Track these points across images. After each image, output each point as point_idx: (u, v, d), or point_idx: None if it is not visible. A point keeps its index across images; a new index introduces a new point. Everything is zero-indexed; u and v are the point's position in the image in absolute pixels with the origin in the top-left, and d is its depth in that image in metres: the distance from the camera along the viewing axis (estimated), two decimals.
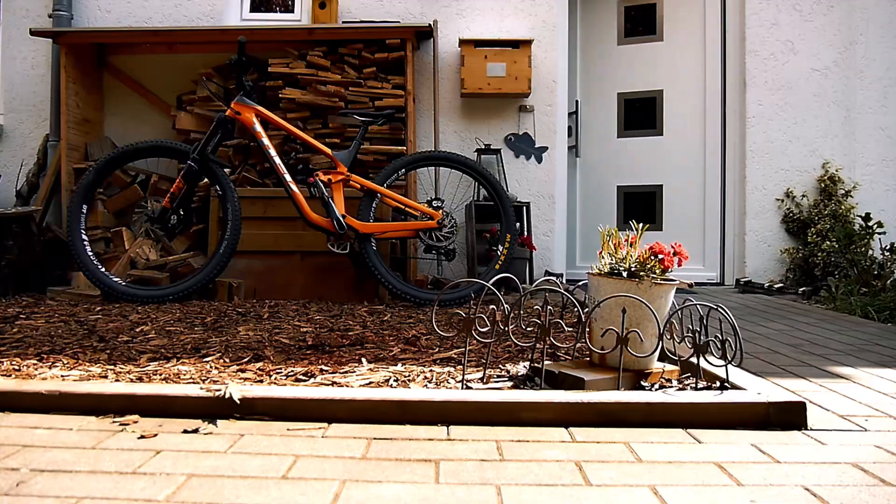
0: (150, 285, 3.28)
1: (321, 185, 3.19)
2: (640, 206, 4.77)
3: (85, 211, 3.18)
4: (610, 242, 1.76)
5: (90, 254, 3.14)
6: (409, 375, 1.74)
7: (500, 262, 3.30)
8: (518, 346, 1.79)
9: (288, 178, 3.19)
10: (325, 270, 3.50)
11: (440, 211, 3.27)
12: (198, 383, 1.62)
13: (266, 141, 3.21)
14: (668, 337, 1.67)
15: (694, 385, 1.61)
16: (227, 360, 1.90)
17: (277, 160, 3.20)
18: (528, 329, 1.75)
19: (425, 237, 3.27)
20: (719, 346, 1.57)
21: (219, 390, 1.47)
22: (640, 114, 4.81)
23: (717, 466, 1.21)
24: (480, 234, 3.90)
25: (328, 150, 3.27)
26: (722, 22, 4.54)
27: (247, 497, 1.05)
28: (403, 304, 3.21)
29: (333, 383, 1.66)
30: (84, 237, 3.15)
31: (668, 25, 4.73)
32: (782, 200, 4.36)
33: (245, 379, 1.70)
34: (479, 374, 1.73)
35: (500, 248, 3.33)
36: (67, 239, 3.17)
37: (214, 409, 1.45)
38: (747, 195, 4.36)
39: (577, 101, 4.84)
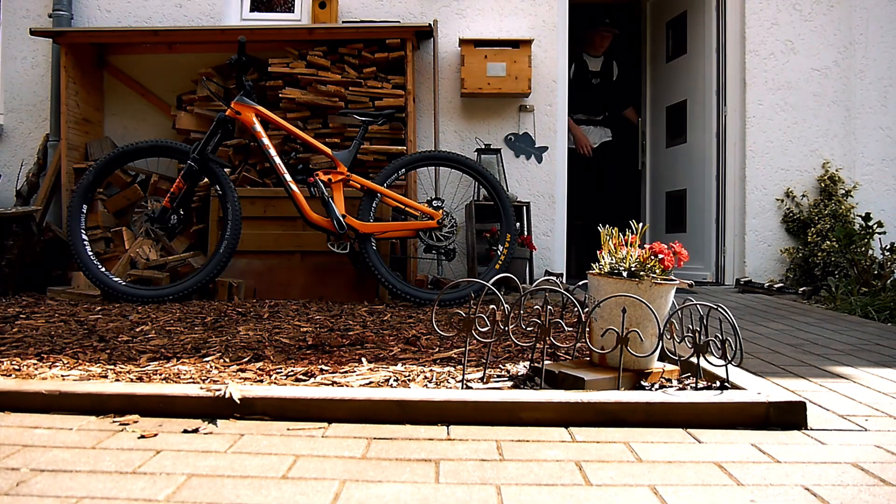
0: (150, 285, 3.28)
1: (321, 184, 3.19)
2: (676, 208, 5.03)
3: (85, 211, 3.18)
4: (610, 242, 1.76)
5: (90, 253, 3.14)
6: (409, 375, 1.74)
7: (500, 262, 3.30)
8: (518, 345, 1.79)
9: (288, 177, 3.19)
10: (325, 270, 3.50)
11: (440, 211, 3.27)
12: (198, 383, 1.62)
13: (266, 141, 3.21)
14: (668, 337, 1.67)
15: (694, 385, 1.61)
16: (227, 360, 1.91)
17: (277, 160, 3.20)
18: (528, 329, 1.75)
19: (425, 237, 3.27)
20: (719, 346, 1.57)
21: (219, 390, 1.47)
22: (676, 124, 5.05)
23: (717, 466, 1.21)
24: (480, 234, 3.90)
25: (328, 150, 3.27)
26: (721, 23, 4.55)
27: (247, 497, 1.05)
28: (403, 303, 3.21)
29: (333, 383, 1.66)
30: (84, 237, 3.15)
31: (690, 37, 4.87)
32: (782, 200, 4.36)
33: (245, 379, 1.70)
34: (479, 374, 1.73)
35: (500, 247, 3.33)
36: (67, 239, 3.17)
37: (214, 409, 1.45)
38: (747, 195, 4.36)
39: (641, 120, 5.32)
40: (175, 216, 3.18)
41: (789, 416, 1.44)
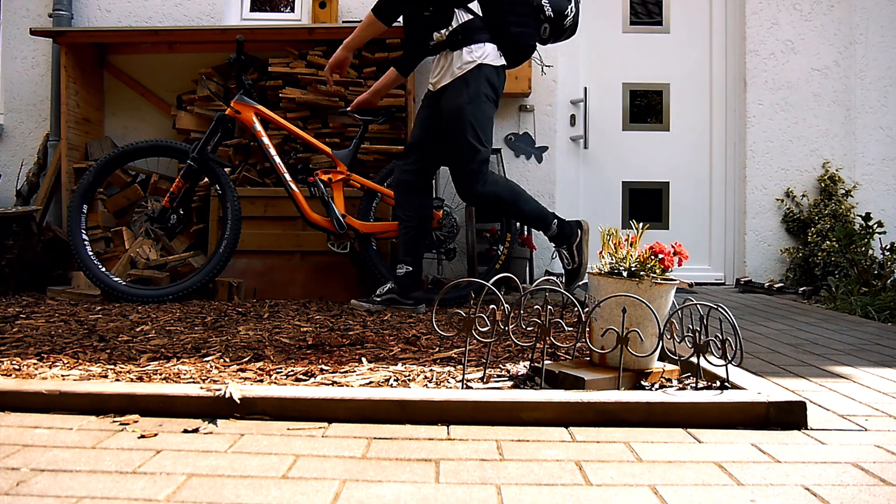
0: (150, 285, 3.28)
1: (321, 184, 3.19)
2: (646, 203, 4.61)
3: (85, 210, 3.18)
4: (610, 242, 1.76)
5: (90, 253, 3.14)
6: (409, 375, 1.74)
7: (500, 262, 3.30)
8: (518, 345, 1.79)
9: (288, 177, 3.19)
10: (325, 270, 3.50)
11: (440, 210, 3.27)
12: (198, 383, 1.62)
13: (266, 140, 3.21)
14: (669, 336, 1.67)
15: (694, 385, 1.61)
16: (228, 360, 1.91)
17: (277, 159, 3.20)
18: (529, 329, 1.75)
19: None
20: (719, 346, 1.57)
21: (219, 390, 1.47)
22: (646, 107, 4.62)
23: (717, 466, 1.21)
24: (480, 234, 3.89)
25: (328, 150, 3.27)
26: (725, 19, 4.52)
27: (247, 497, 1.05)
28: None
29: (333, 383, 1.66)
30: (84, 237, 3.15)
31: (675, 17, 4.60)
32: (782, 200, 4.36)
33: (245, 378, 1.70)
34: (480, 374, 1.73)
35: (501, 247, 3.33)
36: (68, 238, 3.17)
37: (214, 409, 1.45)
38: (747, 194, 4.36)
39: (585, 88, 4.49)
40: (175, 216, 3.18)
41: (789, 416, 1.44)
